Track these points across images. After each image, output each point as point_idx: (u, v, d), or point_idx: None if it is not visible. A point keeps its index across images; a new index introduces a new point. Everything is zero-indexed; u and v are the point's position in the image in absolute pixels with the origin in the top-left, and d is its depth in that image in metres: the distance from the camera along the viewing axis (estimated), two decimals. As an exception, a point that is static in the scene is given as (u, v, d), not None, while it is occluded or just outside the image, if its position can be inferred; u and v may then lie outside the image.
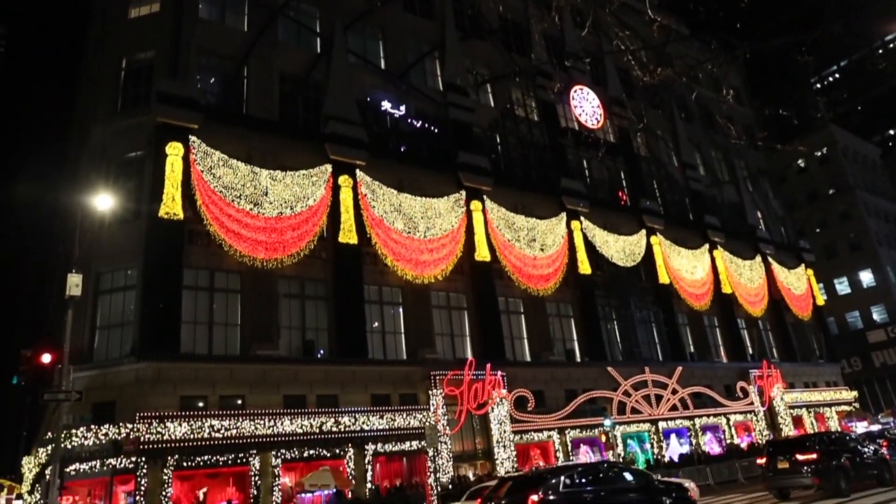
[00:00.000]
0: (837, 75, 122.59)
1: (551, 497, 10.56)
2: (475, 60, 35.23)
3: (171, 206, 21.66)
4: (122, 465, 18.60)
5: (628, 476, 12.72)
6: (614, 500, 11.43)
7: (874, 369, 59.12)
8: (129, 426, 18.71)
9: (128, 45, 25.51)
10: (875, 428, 37.66)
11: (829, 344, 49.62)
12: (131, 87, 24.93)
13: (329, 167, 25.85)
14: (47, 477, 16.25)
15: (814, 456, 16.46)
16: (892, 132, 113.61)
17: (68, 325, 16.65)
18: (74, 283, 16.62)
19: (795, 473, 16.47)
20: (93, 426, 18.56)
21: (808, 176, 69.32)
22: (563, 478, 11.35)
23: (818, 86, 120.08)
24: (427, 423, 23.74)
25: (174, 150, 22.31)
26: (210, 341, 22.30)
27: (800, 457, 16.60)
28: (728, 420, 35.77)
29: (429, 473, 23.60)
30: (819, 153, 68.65)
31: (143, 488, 18.50)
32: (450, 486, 22.61)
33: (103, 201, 18.66)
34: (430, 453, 23.75)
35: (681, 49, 43.39)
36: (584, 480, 11.60)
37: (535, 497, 10.39)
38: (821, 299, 51.12)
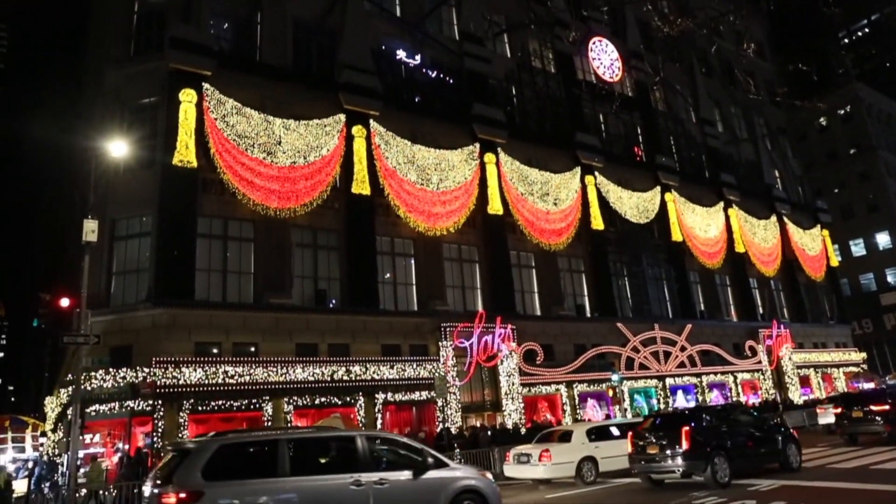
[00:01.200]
0: (867, 30, 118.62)
1: (698, 428, 13.47)
2: (492, 9, 34.36)
3: (185, 153, 21.63)
4: (140, 408, 19.14)
5: (749, 417, 15.67)
6: (741, 431, 14.21)
7: (885, 331, 59.04)
8: (146, 370, 19.16)
9: (139, -12, 25.06)
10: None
11: (841, 305, 49.48)
12: (144, 32, 24.61)
13: (343, 117, 25.60)
14: (69, 417, 16.75)
15: (886, 407, 18.36)
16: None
17: (86, 271, 16.88)
18: (91, 229, 16.76)
19: (868, 422, 18.47)
20: (111, 369, 19.02)
21: (829, 134, 67.88)
22: (703, 414, 14.37)
23: (846, 41, 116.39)
24: (437, 374, 24.12)
25: (187, 97, 22.15)
26: (224, 289, 22.58)
27: (874, 407, 18.58)
28: (735, 378, 36.06)
29: (437, 423, 24.09)
30: (842, 111, 67.06)
31: (160, 430, 19.06)
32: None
33: (118, 148, 18.65)
34: (440, 403, 24.19)
35: (703, 0, 42.06)
36: (718, 418, 14.41)
37: (686, 428, 13.28)
38: (835, 260, 50.74)
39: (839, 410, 20.09)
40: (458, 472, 9.42)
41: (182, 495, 7.36)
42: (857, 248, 64.24)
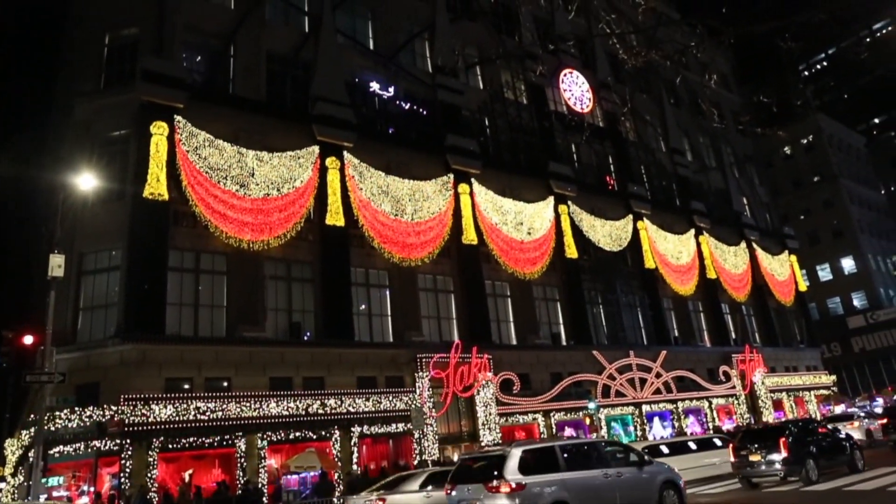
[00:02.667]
0: (825, 63, 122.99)
1: (791, 438, 16.51)
2: (465, 42, 34.92)
3: (156, 186, 21.38)
4: (107, 447, 18.52)
5: (823, 430, 18.40)
6: (819, 440, 17.39)
7: (853, 354, 60.10)
8: (114, 408, 18.59)
9: (111, 21, 24.97)
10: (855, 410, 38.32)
11: (810, 329, 50.31)
12: (115, 64, 24.46)
13: (316, 148, 25.60)
14: (30, 459, 16.14)
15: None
16: (876, 121, 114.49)
17: (51, 306, 16.46)
18: (57, 264, 16.39)
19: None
20: (76, 408, 18.42)
21: (793, 163, 69.87)
22: (792, 427, 17.26)
23: (806, 73, 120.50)
24: (413, 406, 23.83)
25: (159, 130, 21.98)
26: (196, 323, 22.17)
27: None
28: (710, 403, 36.25)
29: (415, 455, 23.74)
30: (805, 140, 69.22)
31: (127, 470, 18.45)
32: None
33: (87, 181, 18.36)
34: (416, 435, 23.87)
35: (668, 33, 43.33)
36: (801, 430, 17.45)
37: (784, 439, 16.32)
38: (803, 285, 51.73)
39: (886, 420, 20.87)
40: (664, 467, 13.64)
41: (513, 485, 10.78)
42: (824, 273, 65.69)
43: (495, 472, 11.00)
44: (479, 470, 11.66)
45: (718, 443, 21.90)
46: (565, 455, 11.97)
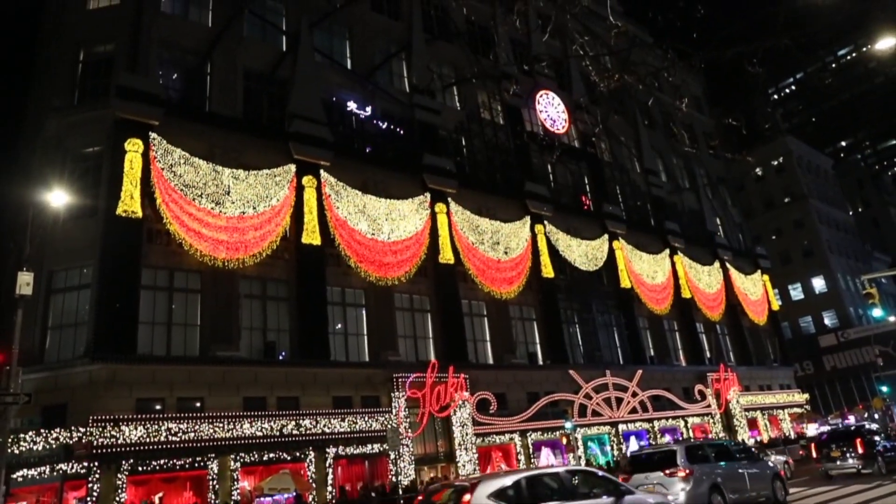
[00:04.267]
0: (793, 87, 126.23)
1: (865, 439, 20.90)
2: (442, 62, 35.26)
3: (130, 203, 21.11)
4: (74, 471, 18.01)
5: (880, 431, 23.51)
6: (881, 440, 22.14)
7: (825, 372, 61.01)
8: (82, 430, 18.14)
9: (86, 37, 24.77)
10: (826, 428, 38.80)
11: (783, 348, 51.02)
12: (89, 80, 24.21)
13: (293, 167, 25.53)
14: (-7, 483, 15.64)
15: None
16: (843, 144, 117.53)
17: (18, 325, 16.03)
18: (25, 282, 16.02)
19: None
20: (42, 430, 17.94)
21: (764, 184, 71.34)
22: (864, 428, 22.29)
23: (775, 97, 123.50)
24: (389, 426, 23.58)
25: (133, 147, 21.75)
26: (168, 342, 21.79)
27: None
28: (686, 422, 36.47)
29: (390, 476, 23.46)
30: (776, 162, 70.79)
31: (95, 494, 17.95)
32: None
33: (58, 197, 18.05)
34: (392, 456, 23.58)
35: (641, 55, 44.22)
36: (870, 433, 22.06)
37: (859, 439, 20.79)
38: (776, 304, 52.54)
39: None
40: (772, 464, 17.69)
41: (687, 470, 13.88)
42: (796, 293, 66.85)
43: (670, 462, 13.94)
44: (653, 462, 14.49)
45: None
46: (712, 452, 15.38)
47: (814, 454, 22.63)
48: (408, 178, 29.59)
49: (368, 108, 30.11)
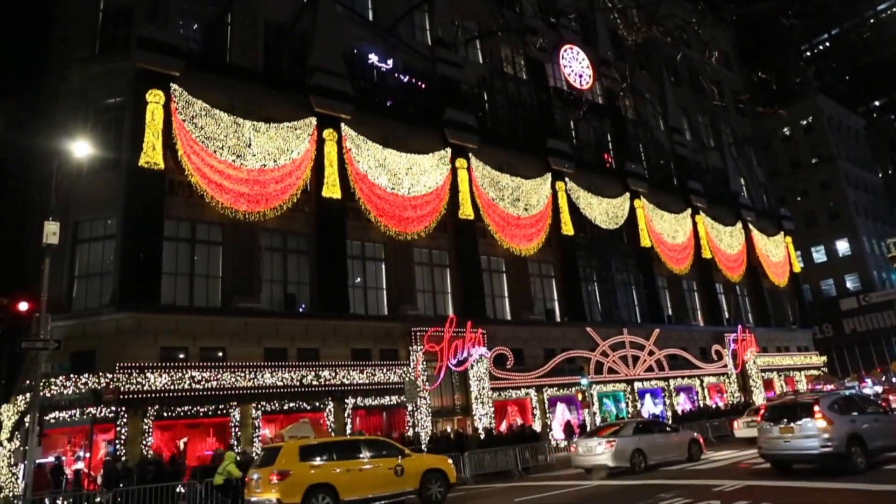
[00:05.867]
0: (827, 44, 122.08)
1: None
2: (465, 15, 34.52)
3: (152, 155, 21.24)
4: (102, 414, 18.64)
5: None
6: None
7: (844, 336, 60.56)
8: (109, 376, 18.70)
9: (105, -14, 24.56)
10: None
11: (803, 310, 50.68)
12: (110, 31, 24.14)
13: (314, 120, 25.42)
14: (26, 425, 16.26)
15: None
16: (876, 103, 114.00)
17: (45, 274, 16.41)
18: (52, 231, 16.31)
19: None
20: (72, 375, 18.53)
21: (792, 144, 69.69)
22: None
23: (808, 54, 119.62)
24: (407, 379, 24.02)
25: (155, 98, 21.76)
26: (191, 293, 22.19)
27: None
28: (702, 381, 36.63)
29: (407, 427, 23.98)
30: (804, 122, 68.95)
31: (123, 437, 18.62)
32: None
33: (81, 148, 18.21)
34: (410, 408, 24.11)
35: (670, 8, 42.91)
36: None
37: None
38: (797, 267, 51.98)
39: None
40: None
41: (829, 418, 12.80)
42: (819, 255, 65.92)
43: (809, 411, 13.39)
44: (793, 410, 13.74)
45: None
46: (854, 403, 14.51)
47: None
48: (429, 133, 29.34)
49: (390, 62, 29.71)
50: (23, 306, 18.71)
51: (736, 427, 24.40)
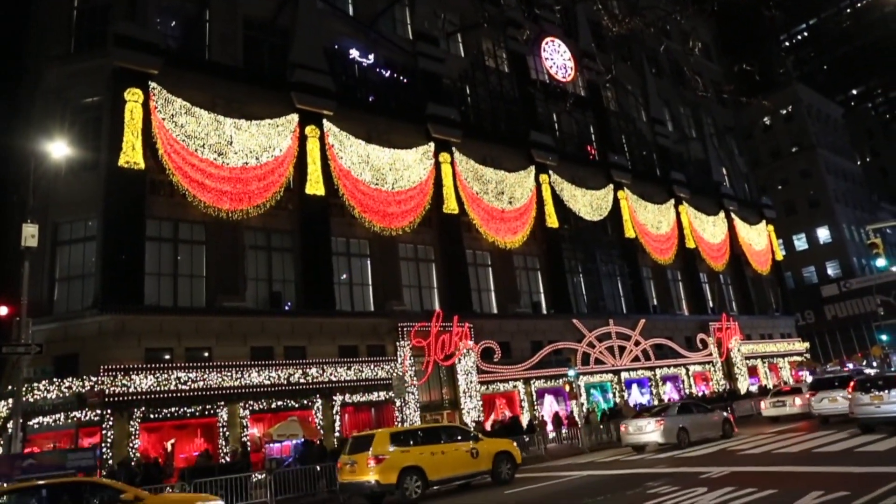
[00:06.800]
0: (806, 34, 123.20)
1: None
2: (445, 8, 34.34)
3: (132, 154, 20.98)
4: (87, 418, 18.48)
5: None
6: None
7: (826, 322, 61.41)
8: (94, 379, 18.52)
9: (80, -17, 24.17)
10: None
11: (786, 298, 51.30)
12: (86, 28, 23.78)
13: (296, 117, 25.24)
14: (9, 430, 16.05)
15: None
16: (854, 92, 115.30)
17: (25, 277, 16.16)
18: (30, 234, 16.07)
19: None
20: (55, 379, 18.32)
21: (772, 133, 70.40)
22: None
23: (787, 44, 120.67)
24: (394, 374, 24.02)
25: (133, 97, 21.48)
26: (175, 293, 22.01)
27: None
28: (688, 370, 36.99)
29: (396, 422, 23.99)
30: (784, 111, 69.64)
31: (109, 440, 18.45)
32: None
33: (59, 149, 17.94)
34: (398, 403, 24.11)
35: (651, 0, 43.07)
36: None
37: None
38: (779, 254, 52.56)
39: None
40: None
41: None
42: (800, 243, 66.79)
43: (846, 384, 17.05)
44: (836, 382, 18.53)
45: None
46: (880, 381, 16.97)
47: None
48: (412, 128, 29.26)
49: (371, 57, 29.56)
50: (2, 310, 18.45)
51: (763, 407, 26.36)
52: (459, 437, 16.04)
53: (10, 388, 18.41)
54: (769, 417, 25.44)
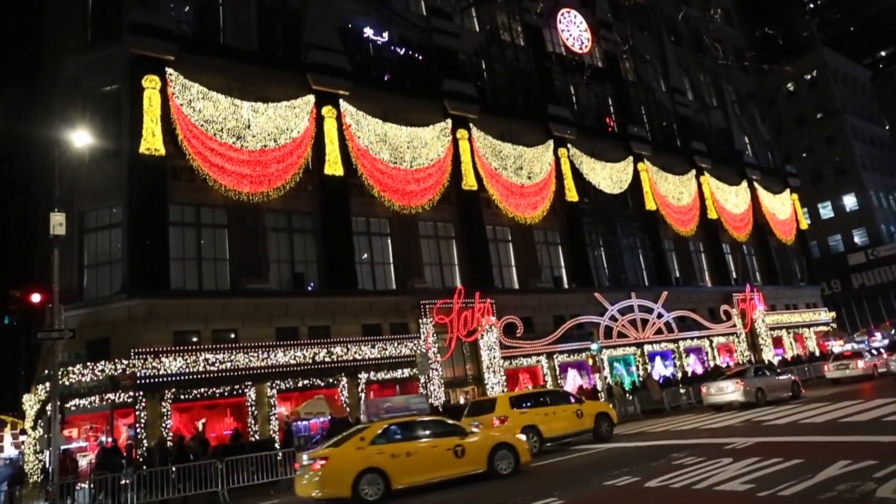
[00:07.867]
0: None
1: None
2: (459, -17, 33.96)
3: (152, 141, 21.22)
4: (121, 400, 19.00)
5: None
6: None
7: (853, 291, 60.54)
8: (125, 362, 18.99)
9: (95, -28, 24.27)
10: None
11: (811, 267, 50.55)
12: (101, 17, 23.91)
13: (312, 98, 25.26)
14: (48, 413, 16.57)
15: None
16: (882, 54, 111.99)
17: (56, 265, 16.55)
18: (58, 222, 16.41)
19: None
20: (88, 363, 18.82)
21: (796, 100, 68.78)
22: None
23: (811, 6, 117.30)
24: (418, 351, 24.26)
25: (151, 83, 21.67)
26: (200, 277, 22.37)
27: None
28: (711, 342, 36.78)
29: (421, 399, 24.22)
30: (809, 76, 67.94)
31: (142, 421, 18.97)
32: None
33: (81, 138, 18.20)
34: (422, 380, 24.36)
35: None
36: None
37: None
38: (804, 223, 51.72)
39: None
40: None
41: None
42: (826, 211, 65.55)
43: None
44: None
45: None
46: None
47: None
48: (428, 105, 29.15)
49: (385, 34, 29.39)
50: (35, 298, 18.95)
51: (827, 369, 28.94)
52: (570, 400, 18.02)
53: (46, 372, 18.99)
54: (832, 379, 27.89)
